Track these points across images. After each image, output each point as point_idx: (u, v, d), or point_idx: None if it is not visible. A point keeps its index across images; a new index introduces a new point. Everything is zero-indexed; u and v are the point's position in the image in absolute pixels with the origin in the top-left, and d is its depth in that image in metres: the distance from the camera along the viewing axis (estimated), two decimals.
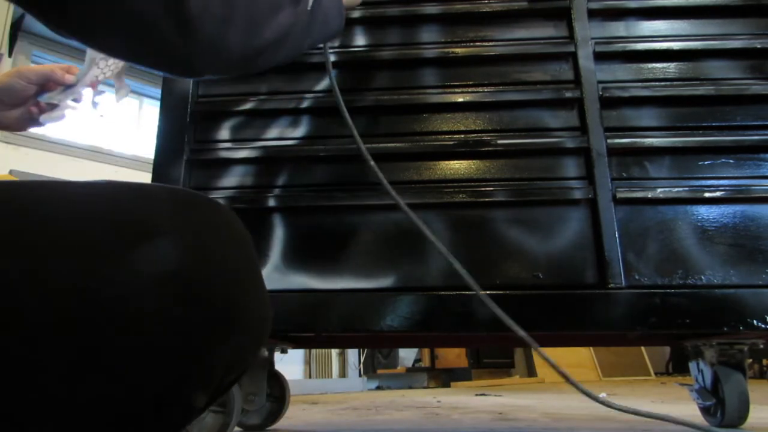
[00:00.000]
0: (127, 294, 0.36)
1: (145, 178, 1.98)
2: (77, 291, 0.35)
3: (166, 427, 0.41)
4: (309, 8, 0.57)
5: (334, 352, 4.33)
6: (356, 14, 1.22)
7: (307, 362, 4.22)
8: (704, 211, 1.06)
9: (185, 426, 0.47)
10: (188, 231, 0.40)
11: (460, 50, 1.18)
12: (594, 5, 1.18)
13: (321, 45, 0.94)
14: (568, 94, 1.13)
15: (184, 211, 0.41)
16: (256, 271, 0.46)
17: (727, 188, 1.06)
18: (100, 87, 1.02)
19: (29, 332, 0.34)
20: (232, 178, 1.14)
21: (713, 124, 1.11)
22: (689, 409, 1.88)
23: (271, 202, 1.11)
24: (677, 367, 5.67)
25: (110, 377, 0.36)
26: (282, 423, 1.62)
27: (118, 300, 0.36)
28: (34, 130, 1.76)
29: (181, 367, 0.39)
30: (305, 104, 1.17)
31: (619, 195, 1.06)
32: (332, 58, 1.20)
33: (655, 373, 5.43)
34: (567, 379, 0.76)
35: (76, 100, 1.00)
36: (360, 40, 1.22)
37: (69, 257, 0.36)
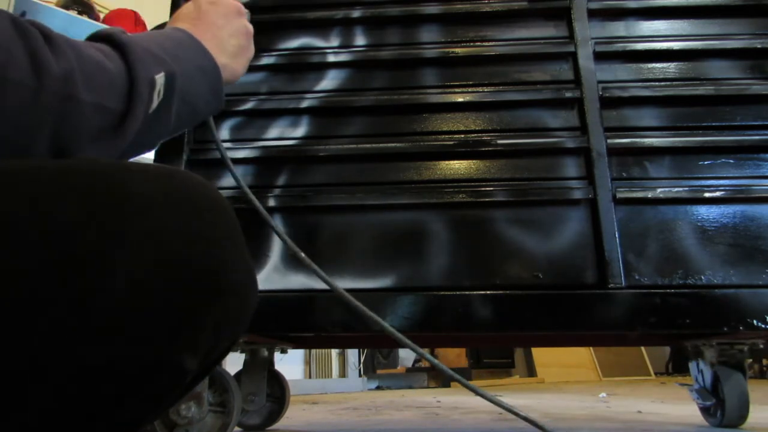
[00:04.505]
0: (104, 255, 0.37)
1: None
2: (57, 254, 0.36)
3: (159, 388, 0.42)
4: (150, 111, 0.54)
5: (334, 352, 4.32)
6: (356, 14, 1.22)
7: (307, 362, 4.21)
8: (704, 211, 1.06)
9: (180, 391, 0.47)
10: (164, 196, 0.42)
11: (460, 50, 1.18)
12: (594, 5, 1.18)
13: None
14: (568, 94, 1.13)
15: (161, 179, 0.43)
16: (237, 236, 0.47)
17: (727, 188, 1.06)
18: None
19: (14, 298, 0.35)
20: (232, 179, 1.14)
21: (713, 124, 1.11)
22: (689, 409, 1.88)
23: (271, 202, 1.11)
24: (677, 367, 5.67)
25: (92, 337, 0.37)
26: (282, 423, 1.62)
27: (95, 262, 0.37)
28: None
29: (164, 327, 0.40)
30: (305, 104, 1.17)
31: (619, 195, 1.05)
32: (333, 58, 1.20)
33: (655, 373, 5.42)
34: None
35: None
36: (360, 40, 1.22)
37: (46, 225, 0.37)
